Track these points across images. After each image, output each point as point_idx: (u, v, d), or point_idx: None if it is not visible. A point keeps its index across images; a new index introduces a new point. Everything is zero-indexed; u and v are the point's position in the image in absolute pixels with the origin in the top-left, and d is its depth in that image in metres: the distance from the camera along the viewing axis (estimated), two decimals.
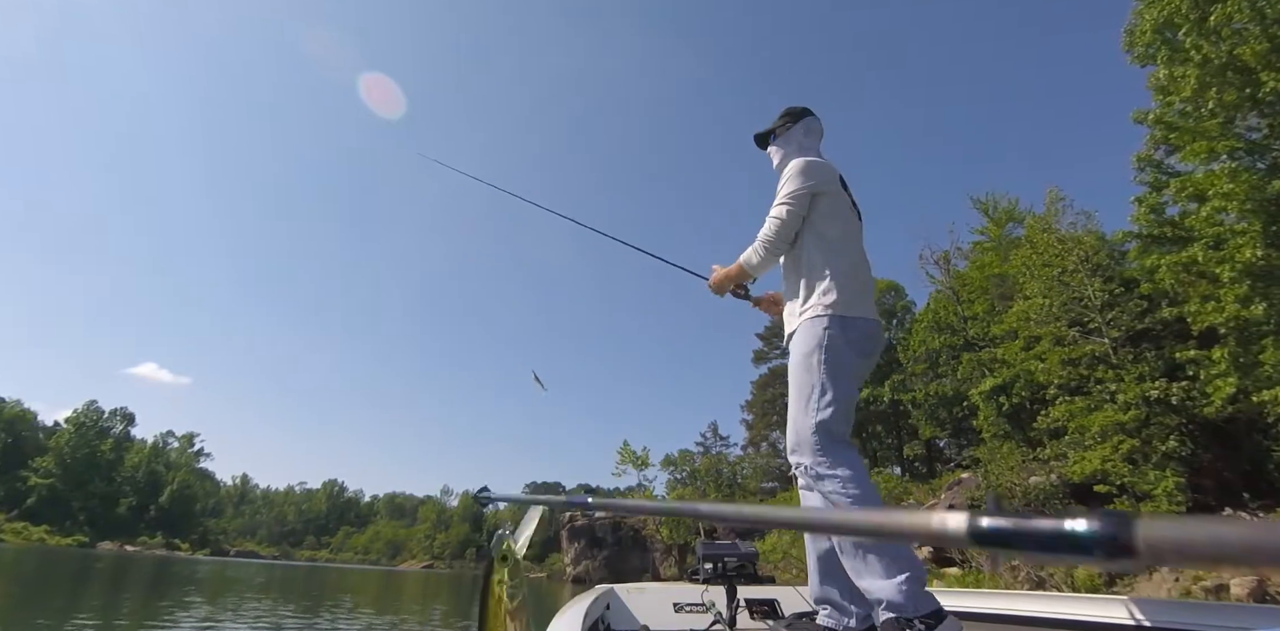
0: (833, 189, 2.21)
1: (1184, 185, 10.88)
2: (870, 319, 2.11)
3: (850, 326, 2.04)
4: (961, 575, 13.85)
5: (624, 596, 2.57)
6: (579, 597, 2.24)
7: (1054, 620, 2.20)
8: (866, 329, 2.08)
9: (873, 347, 2.12)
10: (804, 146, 2.39)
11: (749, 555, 2.46)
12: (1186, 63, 10.59)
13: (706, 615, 2.35)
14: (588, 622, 1.93)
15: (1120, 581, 10.86)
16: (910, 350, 24.06)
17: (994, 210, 22.41)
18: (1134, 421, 12.74)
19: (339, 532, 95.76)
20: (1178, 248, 11.23)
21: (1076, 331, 14.87)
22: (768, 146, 2.50)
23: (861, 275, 2.18)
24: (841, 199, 2.23)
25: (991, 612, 2.40)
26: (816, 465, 1.94)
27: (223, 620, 10.60)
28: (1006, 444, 16.98)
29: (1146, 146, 12.06)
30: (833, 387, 1.99)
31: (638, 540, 38.24)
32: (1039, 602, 2.32)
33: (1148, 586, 10.52)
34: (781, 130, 2.45)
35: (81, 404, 72.85)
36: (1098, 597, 2.21)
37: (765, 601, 2.51)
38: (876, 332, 2.13)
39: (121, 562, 34.89)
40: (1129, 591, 10.73)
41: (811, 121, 2.44)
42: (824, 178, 2.21)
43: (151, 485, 73.07)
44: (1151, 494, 12.06)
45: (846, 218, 2.22)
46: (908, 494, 20.87)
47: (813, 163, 2.24)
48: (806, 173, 2.20)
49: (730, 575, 2.41)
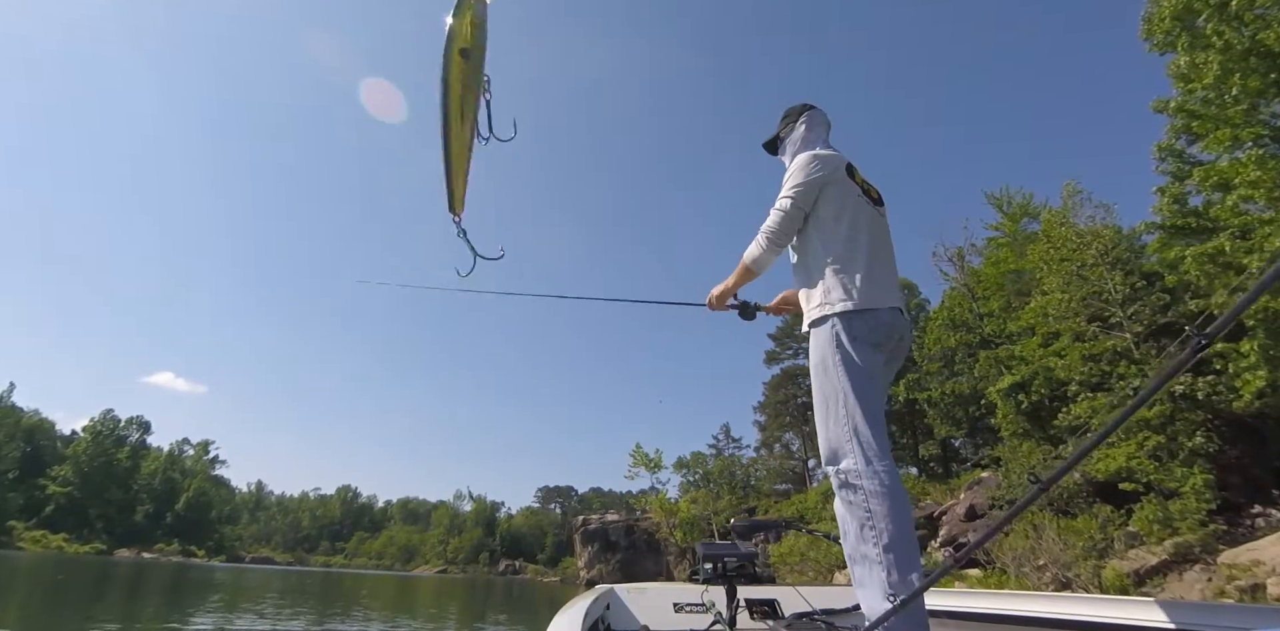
0: (837, 178, 2.15)
1: (1208, 174, 10.62)
2: (885, 307, 2.01)
3: (860, 320, 1.97)
4: (984, 576, 13.58)
5: (624, 596, 2.57)
6: (579, 597, 2.22)
7: (1055, 620, 2.19)
8: (880, 319, 1.99)
9: (887, 337, 2.02)
10: (810, 141, 2.35)
11: (749, 555, 2.44)
12: (1208, 49, 10.36)
13: (706, 615, 2.35)
14: (588, 622, 1.91)
15: (1150, 581, 10.58)
16: (925, 348, 23.76)
17: (1008, 205, 22.13)
18: (1159, 417, 12.45)
19: (353, 538, 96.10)
20: (1203, 238, 10.97)
21: (1097, 326, 14.58)
22: (777, 152, 2.47)
23: (875, 263, 2.08)
24: (848, 187, 2.16)
25: (993, 613, 2.40)
26: (844, 473, 1.88)
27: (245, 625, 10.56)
28: (1026, 442, 16.68)
29: (1167, 136, 11.81)
30: (855, 390, 1.92)
31: (651, 543, 38.06)
32: (1041, 603, 2.32)
33: (1179, 586, 10.24)
34: (786, 132, 2.42)
35: (98, 413, 73.71)
36: (1099, 598, 2.22)
37: (765, 601, 2.51)
38: (894, 320, 2.02)
39: (139, 569, 35.12)
40: (1159, 592, 10.45)
41: (814, 115, 2.40)
42: (827, 168, 2.15)
43: (168, 492, 73.66)
44: (1179, 491, 11.77)
45: (855, 206, 2.14)
46: (925, 494, 20.58)
47: (814, 155, 2.19)
48: (808, 165, 2.15)
49: (730, 575, 2.38)
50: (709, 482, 38.25)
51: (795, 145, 2.37)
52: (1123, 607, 2.07)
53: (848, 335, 1.95)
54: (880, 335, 1.99)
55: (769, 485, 38.59)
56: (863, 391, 1.92)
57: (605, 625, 2.31)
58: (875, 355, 1.99)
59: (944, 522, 17.43)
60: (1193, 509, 11.15)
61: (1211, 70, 10.18)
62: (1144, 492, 12.12)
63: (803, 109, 2.42)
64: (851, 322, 1.96)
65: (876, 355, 2.00)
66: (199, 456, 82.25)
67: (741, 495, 37.02)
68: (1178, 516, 11.09)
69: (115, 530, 66.14)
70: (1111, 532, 11.96)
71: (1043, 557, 11.46)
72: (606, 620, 2.35)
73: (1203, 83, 10.45)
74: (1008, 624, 2.33)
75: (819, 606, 2.38)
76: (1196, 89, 10.61)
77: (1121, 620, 2.01)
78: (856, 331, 1.96)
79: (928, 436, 27.23)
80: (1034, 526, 12.45)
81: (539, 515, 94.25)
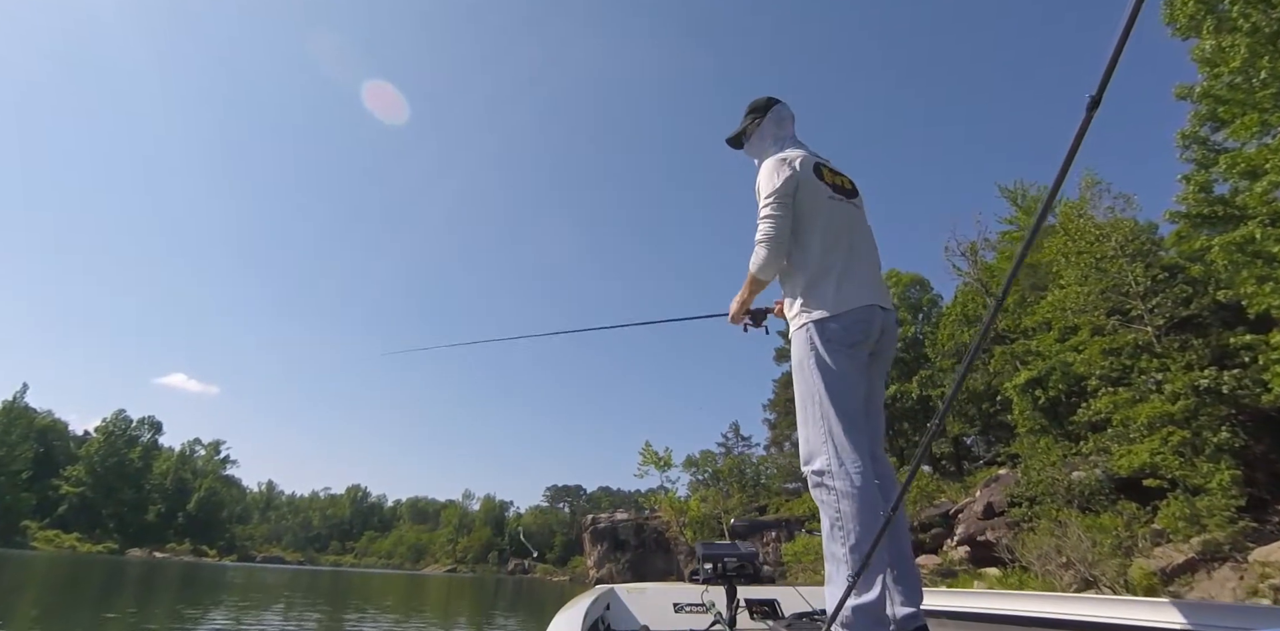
0: (806, 180, 2.16)
1: (1235, 161, 10.33)
2: (859, 306, 2.04)
3: (834, 323, 2.01)
4: (1003, 576, 13.31)
5: (624, 596, 2.57)
6: (579, 597, 2.22)
7: (1056, 621, 2.20)
8: (855, 318, 2.02)
9: (865, 335, 2.05)
10: (778, 137, 2.35)
11: (749, 555, 2.44)
12: (1234, 32, 10.06)
13: (706, 615, 2.36)
14: (588, 622, 1.91)
15: (1178, 580, 10.31)
16: (938, 345, 23.46)
17: (1023, 199, 21.77)
18: (1183, 412, 12.15)
19: (363, 537, 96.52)
20: (1230, 227, 10.67)
21: (1116, 320, 14.28)
22: (742, 147, 2.47)
23: (852, 264, 2.12)
24: (817, 189, 2.17)
25: (994, 613, 2.41)
26: (818, 473, 1.93)
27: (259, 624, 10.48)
28: (1044, 438, 16.39)
29: (1191, 123, 11.51)
30: (829, 393, 1.96)
31: (661, 542, 37.86)
32: (1041, 603, 2.33)
33: (1209, 585, 9.96)
34: (752, 127, 2.42)
35: (110, 413, 74.25)
36: (1099, 598, 2.30)
37: (765, 601, 2.52)
38: (867, 317, 2.05)
39: (151, 569, 35.27)
40: (1188, 591, 10.17)
41: (779, 109, 2.40)
42: (794, 170, 2.16)
43: (179, 492, 74.18)
44: (1205, 487, 11.47)
45: (827, 208, 2.17)
46: (940, 492, 20.29)
47: (780, 160, 2.20)
48: (775, 171, 2.17)
49: (730, 575, 2.38)
50: (718, 481, 38.03)
51: (765, 142, 2.36)
52: (1122, 608, 2.07)
53: (821, 338, 2.00)
54: (857, 334, 2.02)
55: (779, 483, 38.29)
56: (837, 393, 1.96)
57: (605, 625, 2.31)
58: (854, 354, 2.02)
59: (961, 520, 17.15)
60: (1220, 506, 10.85)
61: (1239, 53, 9.89)
62: (1169, 489, 11.82)
63: (769, 103, 2.41)
64: (825, 326, 2.01)
65: (855, 354, 2.03)
66: (210, 456, 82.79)
67: (752, 493, 36.78)
68: (1205, 513, 10.79)
69: (127, 529, 66.56)
70: (1137, 530, 11.68)
71: (1067, 555, 11.19)
72: (606, 620, 2.35)
73: (1229, 66, 10.15)
74: (1008, 624, 2.34)
75: (819, 606, 2.34)
76: (1223, 73, 10.30)
77: (1121, 620, 2.01)
78: (830, 334, 2.00)
79: (940, 434, 26.92)
80: (1059, 523, 12.18)
81: (548, 514, 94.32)
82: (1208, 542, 10.62)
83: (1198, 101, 11.16)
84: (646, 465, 38.20)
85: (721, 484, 37.45)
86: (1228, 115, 10.65)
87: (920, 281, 28.27)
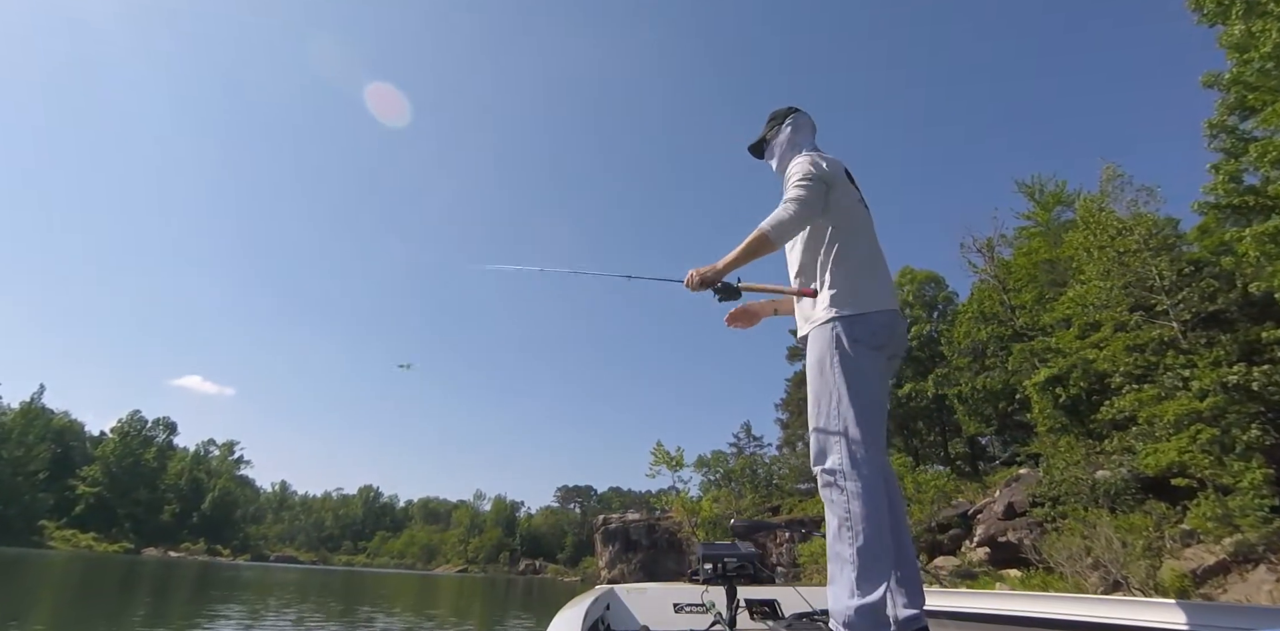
0: (839, 181, 2.16)
1: (1265, 150, 10.02)
2: (884, 310, 2.04)
3: (861, 323, 1.99)
4: (1026, 577, 13.02)
5: (624, 596, 2.57)
6: (579, 597, 2.21)
7: (1056, 621, 2.20)
8: (879, 321, 2.02)
9: (889, 338, 2.04)
10: (799, 144, 2.35)
11: (749, 555, 2.43)
12: (1265, 17, 9.78)
13: (706, 615, 2.35)
14: (588, 622, 1.90)
15: (1210, 582, 10.00)
16: (954, 343, 23.09)
17: (1040, 193, 21.42)
18: (1211, 410, 11.82)
19: (375, 537, 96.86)
20: (1261, 218, 10.36)
21: (1140, 315, 13.94)
22: (763, 155, 2.48)
23: (875, 266, 2.14)
24: (848, 190, 2.18)
25: (994, 613, 2.42)
26: (829, 472, 1.91)
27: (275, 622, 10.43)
28: (1065, 437, 16.04)
29: (1219, 111, 11.20)
30: (850, 392, 1.93)
31: (673, 543, 37.59)
32: (1041, 603, 2.34)
33: (1242, 587, 9.65)
34: (773, 135, 2.43)
35: (126, 414, 74.97)
36: (1099, 598, 2.25)
37: (765, 602, 2.51)
38: (892, 321, 2.06)
39: (167, 568, 35.51)
40: (1220, 592, 9.87)
41: (799, 118, 2.41)
42: (831, 170, 2.15)
43: (194, 492, 74.80)
44: (1235, 487, 11.14)
45: (855, 210, 2.16)
46: (959, 491, 19.96)
47: (818, 156, 2.20)
48: (811, 162, 2.15)
49: (730, 575, 2.38)
50: (730, 481, 37.75)
51: (783, 148, 2.37)
52: (1122, 608, 2.07)
53: (849, 337, 1.97)
54: (882, 337, 2.01)
55: (792, 484, 37.96)
56: (858, 393, 1.93)
57: (605, 625, 2.30)
58: (876, 356, 2.01)
59: (980, 521, 16.84)
60: (1253, 505, 10.53)
61: (1270, 38, 9.60)
62: (1198, 488, 11.50)
63: (788, 112, 2.42)
64: (854, 325, 1.98)
65: (878, 356, 2.01)
66: (224, 457, 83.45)
67: (765, 494, 36.48)
68: (1238, 513, 10.47)
69: (142, 529, 67.20)
70: (1166, 530, 11.37)
71: (1096, 556, 10.89)
72: (606, 620, 2.34)
73: (1260, 52, 9.86)
74: (1009, 624, 2.34)
75: (819, 606, 2.32)
76: (1254, 59, 10.02)
77: (1122, 620, 2.00)
78: (858, 334, 1.98)
79: (956, 433, 26.52)
80: (1088, 523, 11.88)
81: (559, 514, 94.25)
82: (1240, 543, 10.31)
83: (1226, 89, 10.87)
84: (658, 465, 37.92)
85: (733, 484, 37.16)
86: (1257, 102, 10.36)
87: (935, 279, 27.89)
